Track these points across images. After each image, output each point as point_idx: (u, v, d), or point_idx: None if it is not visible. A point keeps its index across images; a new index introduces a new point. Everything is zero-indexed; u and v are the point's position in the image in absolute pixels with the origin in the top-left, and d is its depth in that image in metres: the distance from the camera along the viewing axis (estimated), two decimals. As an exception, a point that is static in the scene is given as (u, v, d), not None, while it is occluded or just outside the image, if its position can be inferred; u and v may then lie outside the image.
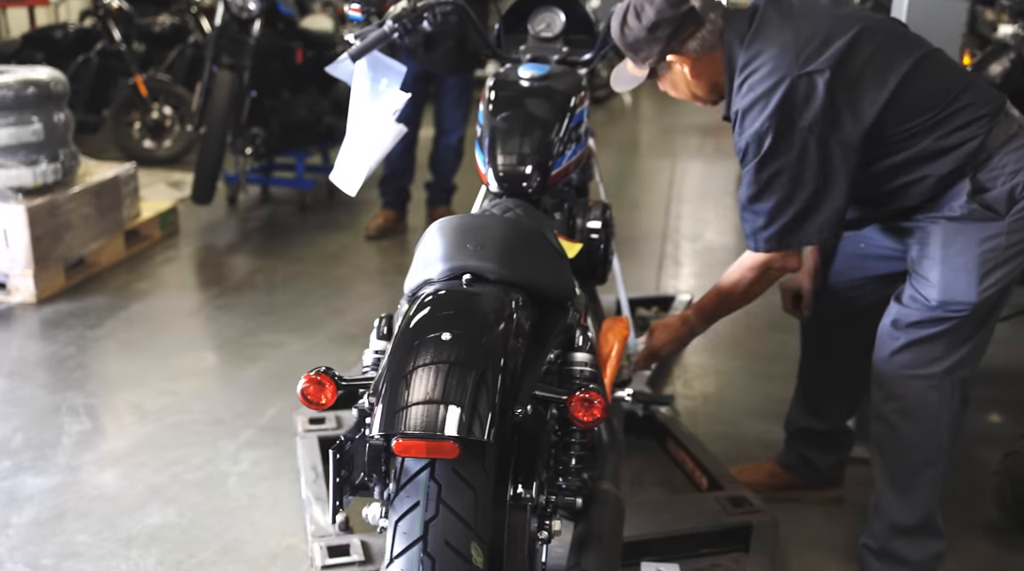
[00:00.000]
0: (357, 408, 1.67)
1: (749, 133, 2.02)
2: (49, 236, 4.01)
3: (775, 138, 1.99)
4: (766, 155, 2.02)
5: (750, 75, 2.03)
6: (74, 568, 2.31)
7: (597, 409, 1.64)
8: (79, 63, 6.29)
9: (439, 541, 1.50)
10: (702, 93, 2.20)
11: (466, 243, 1.82)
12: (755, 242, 2.15)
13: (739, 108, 2.04)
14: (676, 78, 2.19)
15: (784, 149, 2.00)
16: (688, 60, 2.13)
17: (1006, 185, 2.00)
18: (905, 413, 2.14)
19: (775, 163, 2.02)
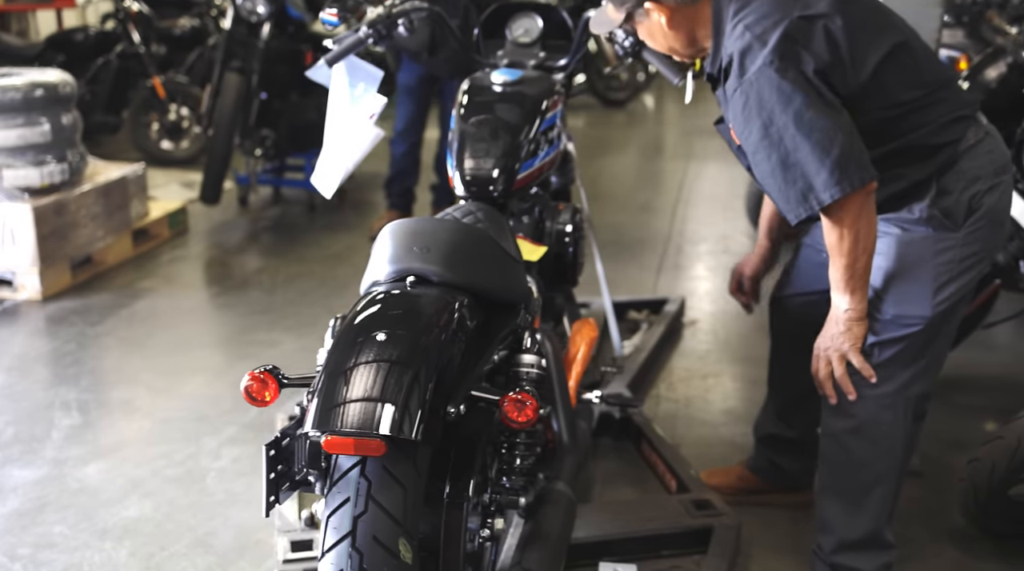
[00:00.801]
0: (299, 405, 1.72)
1: (753, 71, 1.86)
2: (55, 235, 4.11)
3: (786, 71, 1.83)
4: (784, 89, 1.83)
5: (745, 17, 1.91)
6: (49, 558, 2.38)
7: (529, 410, 1.67)
8: (99, 65, 6.42)
9: (367, 536, 1.54)
10: (679, 46, 2.09)
11: (413, 246, 1.86)
12: (815, 197, 1.84)
13: (735, 50, 1.89)
14: (653, 27, 2.07)
15: (801, 81, 1.84)
16: (666, 10, 2.02)
17: (965, 192, 1.99)
18: (857, 432, 2.10)
19: (797, 97, 1.83)
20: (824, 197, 1.84)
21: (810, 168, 1.83)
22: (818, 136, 1.82)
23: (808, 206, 1.86)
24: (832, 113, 1.84)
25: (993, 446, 2.31)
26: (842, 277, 1.96)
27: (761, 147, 1.89)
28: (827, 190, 1.84)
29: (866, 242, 1.92)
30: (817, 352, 2.09)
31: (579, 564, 2.32)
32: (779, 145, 1.85)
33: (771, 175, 1.89)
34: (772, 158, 1.87)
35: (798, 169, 1.85)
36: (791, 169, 1.85)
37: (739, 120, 1.91)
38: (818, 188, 1.84)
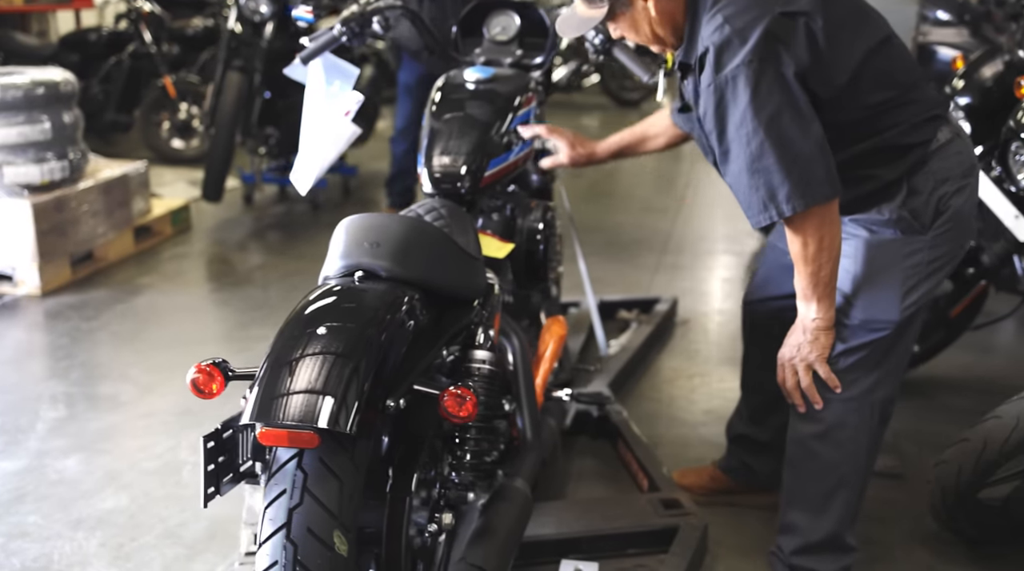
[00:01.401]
0: (244, 397, 1.73)
1: (730, 69, 1.80)
2: (55, 231, 4.17)
3: (764, 72, 1.78)
4: (760, 92, 1.78)
5: (724, 8, 1.84)
6: (20, 548, 2.41)
7: (469, 405, 1.67)
8: (111, 65, 6.51)
9: (302, 528, 1.56)
10: (665, 34, 1.99)
11: (364, 241, 1.87)
12: (775, 207, 1.81)
13: (713, 43, 1.82)
14: (638, 16, 1.97)
15: (778, 85, 1.79)
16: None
17: (934, 193, 1.96)
18: (823, 437, 2.08)
19: (772, 101, 1.79)
20: (785, 209, 1.82)
21: (774, 178, 1.80)
22: (786, 146, 1.79)
23: (768, 215, 1.84)
24: (804, 123, 1.81)
25: (959, 448, 2.29)
26: (807, 285, 1.93)
27: (730, 146, 1.85)
28: (788, 202, 1.81)
29: (830, 250, 1.89)
30: (782, 361, 2.06)
31: (542, 562, 2.32)
32: (746, 147, 1.82)
33: (736, 176, 1.86)
34: (739, 159, 1.84)
35: (762, 176, 1.81)
36: (756, 175, 1.82)
37: (710, 116, 1.87)
38: (780, 199, 1.81)
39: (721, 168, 1.92)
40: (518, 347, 2.38)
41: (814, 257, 1.89)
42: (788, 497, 2.17)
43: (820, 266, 1.90)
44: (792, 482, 2.16)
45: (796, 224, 1.86)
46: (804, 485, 2.14)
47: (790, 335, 2.04)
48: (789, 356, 2.04)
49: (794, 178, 1.80)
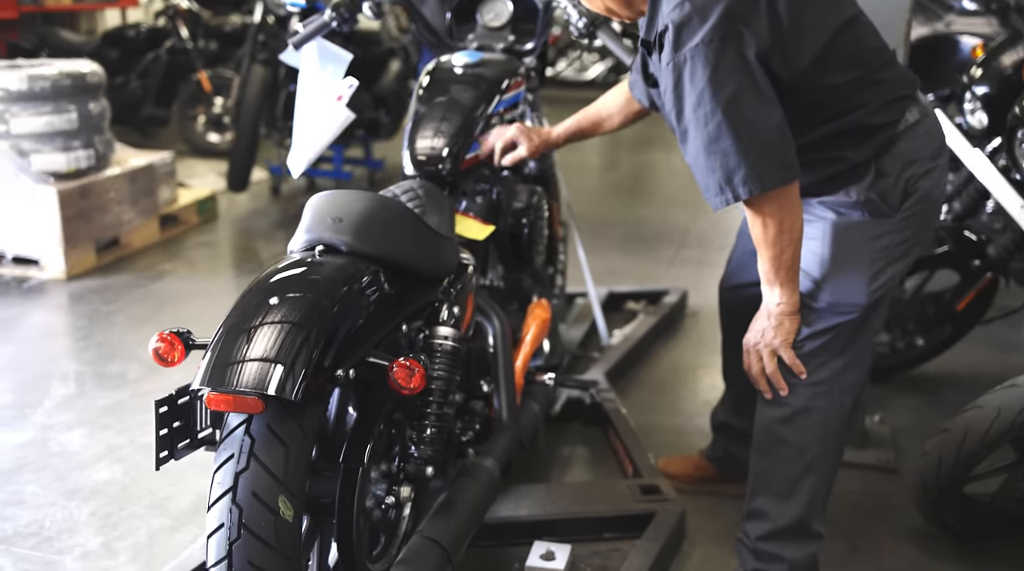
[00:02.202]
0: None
1: (689, 48, 1.75)
2: (80, 218, 4.28)
3: (724, 52, 1.74)
4: (719, 73, 1.74)
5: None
6: (14, 514, 2.49)
7: (418, 377, 1.69)
8: (149, 60, 6.67)
9: (247, 492, 1.59)
10: (615, 5, 1.96)
11: (327, 217, 1.90)
12: (731, 190, 1.79)
13: (671, 21, 1.78)
14: None
15: (738, 66, 1.75)
16: None
17: (902, 175, 1.92)
18: (789, 421, 2.04)
19: (731, 82, 1.75)
20: (741, 192, 1.79)
21: (731, 159, 1.77)
22: (744, 128, 1.75)
23: (725, 198, 1.81)
24: (763, 105, 1.77)
25: (940, 440, 2.25)
26: (770, 269, 1.90)
27: (688, 127, 1.81)
28: (745, 185, 1.78)
29: (791, 233, 1.85)
30: (747, 347, 2.03)
31: (518, 543, 2.33)
32: (704, 128, 1.78)
33: (694, 157, 1.83)
34: (696, 140, 1.80)
35: (719, 158, 1.78)
36: (712, 156, 1.78)
37: (669, 95, 1.83)
38: (736, 181, 1.78)
39: (681, 147, 1.88)
40: (498, 329, 2.39)
41: (775, 240, 1.86)
42: (755, 482, 2.14)
43: (781, 250, 1.87)
44: (759, 467, 2.13)
45: (755, 207, 1.83)
46: (771, 470, 2.11)
47: (755, 321, 2.01)
48: (754, 341, 2.01)
49: (750, 161, 1.76)
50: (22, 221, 4.21)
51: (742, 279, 2.35)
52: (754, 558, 2.13)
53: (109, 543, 2.38)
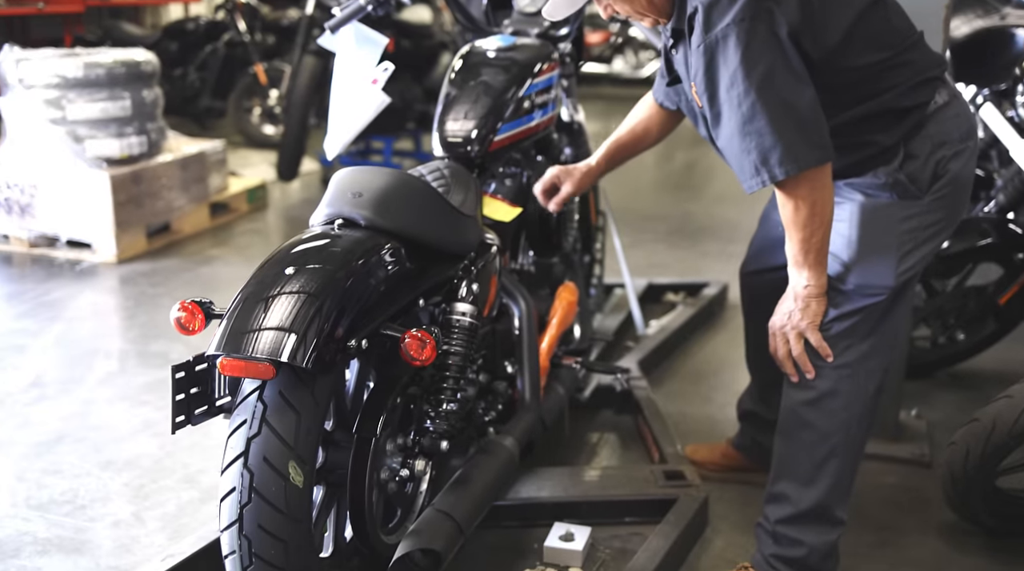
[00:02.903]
0: None
1: (721, 28, 1.74)
2: (132, 203, 4.39)
3: (755, 31, 1.72)
4: (751, 52, 1.72)
5: None
6: (51, 483, 2.57)
7: (429, 349, 1.71)
8: (208, 52, 6.81)
9: (259, 457, 1.63)
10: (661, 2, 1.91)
11: (348, 191, 1.93)
12: (767, 171, 1.76)
13: (702, 2, 1.77)
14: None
15: (770, 44, 1.73)
16: None
17: (932, 157, 1.90)
18: (815, 404, 2.02)
19: (764, 61, 1.73)
20: (777, 172, 1.76)
21: (766, 140, 1.75)
22: (778, 107, 1.73)
23: (760, 179, 1.78)
24: (797, 84, 1.75)
25: (968, 430, 2.19)
26: (799, 251, 1.87)
27: (721, 109, 1.79)
28: (781, 166, 1.75)
29: (823, 215, 1.83)
30: (773, 330, 2.01)
31: (539, 524, 2.33)
32: (737, 109, 1.76)
33: (728, 140, 1.81)
34: (730, 122, 1.78)
35: (753, 139, 1.75)
36: (747, 137, 1.76)
37: (700, 78, 1.81)
38: (772, 162, 1.75)
39: (713, 132, 1.86)
40: (524, 311, 2.39)
41: (806, 222, 1.83)
42: (778, 466, 2.11)
43: (812, 232, 1.84)
44: (782, 451, 2.11)
45: (788, 188, 1.80)
46: (794, 454, 2.08)
47: (781, 303, 1.99)
48: (780, 324, 1.99)
49: (786, 140, 1.74)
50: (76, 205, 4.32)
51: (765, 264, 2.33)
52: (773, 542, 2.10)
53: (139, 512, 2.44)
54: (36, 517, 2.40)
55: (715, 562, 2.28)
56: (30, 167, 4.34)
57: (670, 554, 2.16)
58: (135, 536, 2.34)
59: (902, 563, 2.29)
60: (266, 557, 1.62)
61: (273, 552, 1.62)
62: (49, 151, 4.31)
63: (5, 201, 4.38)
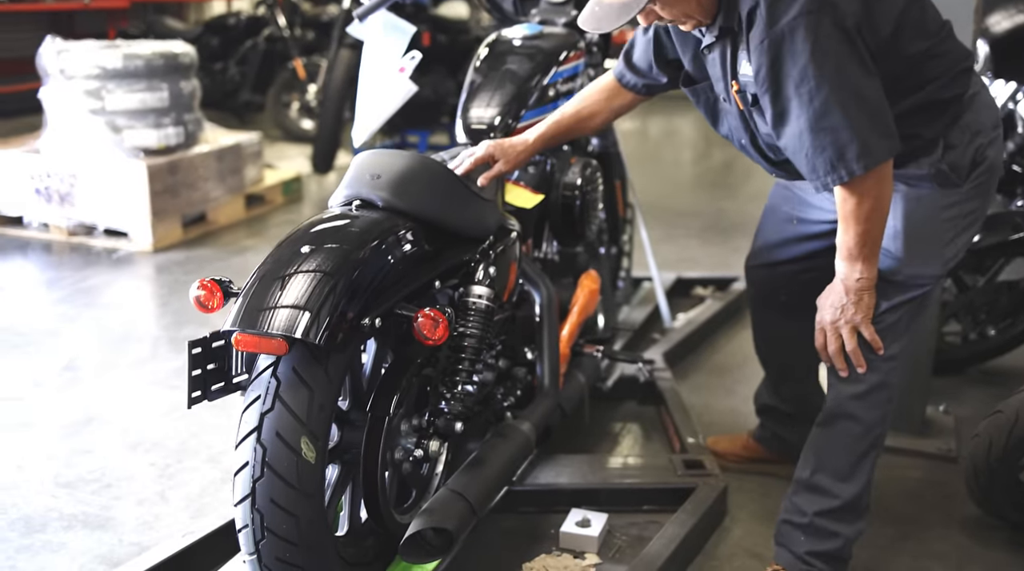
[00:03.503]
0: None
1: (787, 21, 1.68)
2: (168, 193, 4.46)
3: (822, 23, 1.67)
4: (821, 45, 1.67)
5: None
6: (79, 461, 2.62)
7: (441, 328, 1.72)
8: (248, 47, 6.89)
9: (272, 432, 1.65)
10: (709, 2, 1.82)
11: (366, 173, 1.95)
12: (844, 167, 1.72)
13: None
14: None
15: (838, 36, 1.68)
16: None
17: (970, 146, 1.90)
18: (864, 397, 1.98)
19: (834, 54, 1.68)
20: (856, 168, 1.71)
21: (842, 135, 1.70)
22: (852, 101, 1.69)
23: (837, 176, 1.73)
24: (866, 76, 1.72)
25: (991, 421, 2.16)
26: (856, 244, 1.83)
27: (788, 106, 1.73)
28: (859, 161, 1.71)
29: (884, 208, 1.81)
30: (822, 325, 1.94)
31: (557, 510, 2.34)
32: (809, 105, 1.70)
33: (797, 138, 1.74)
34: (800, 119, 1.72)
35: (828, 135, 1.70)
36: (820, 134, 1.71)
37: (764, 75, 1.73)
38: (849, 158, 1.71)
39: (775, 130, 1.80)
40: (545, 298, 2.40)
41: (868, 216, 1.79)
42: (816, 459, 2.05)
43: (872, 225, 1.81)
44: (823, 444, 2.05)
45: (855, 183, 1.75)
46: (836, 447, 2.03)
47: (827, 297, 1.93)
48: (832, 319, 1.92)
49: (862, 135, 1.70)
50: (114, 195, 4.40)
51: (774, 258, 2.31)
52: (806, 537, 2.04)
53: (164, 492, 2.48)
54: (63, 494, 2.45)
55: (733, 550, 2.27)
56: (70, 156, 4.42)
57: (686, 542, 2.16)
58: (158, 514, 2.37)
59: (924, 556, 2.26)
60: (278, 531, 1.64)
61: (285, 526, 1.64)
62: (88, 141, 4.39)
63: (45, 190, 4.47)
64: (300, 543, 1.66)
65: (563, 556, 2.20)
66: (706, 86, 2.02)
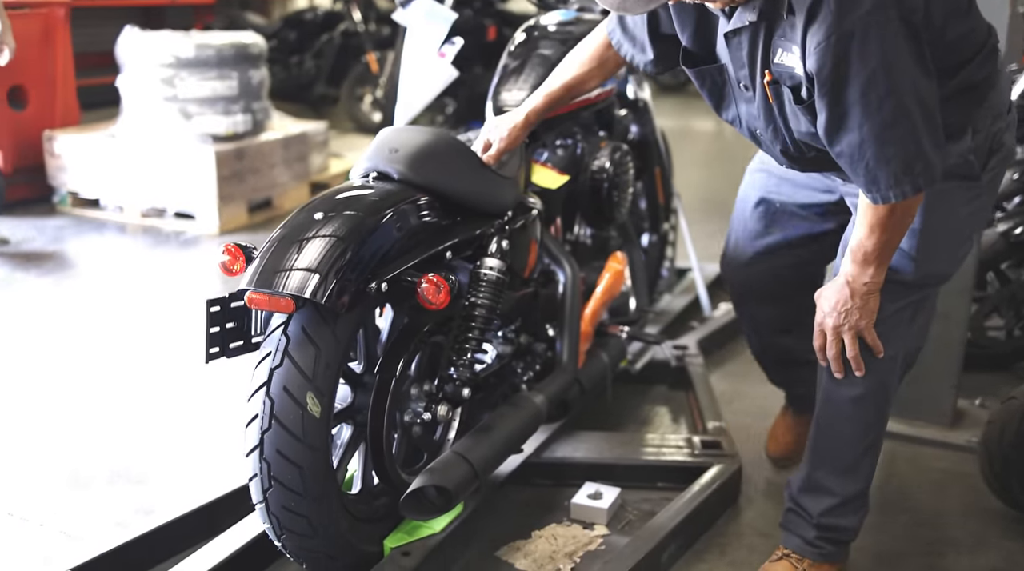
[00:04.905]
0: None
1: (858, 16, 1.52)
2: (234, 177, 4.64)
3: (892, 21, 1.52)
4: (894, 46, 1.53)
5: None
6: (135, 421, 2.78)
7: (444, 294, 1.80)
8: (324, 41, 7.09)
9: (279, 386, 1.75)
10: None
11: (385, 147, 2.04)
12: (910, 181, 1.60)
13: None
14: None
15: (907, 35, 1.54)
16: None
17: (990, 130, 1.82)
18: (862, 400, 1.93)
19: (905, 56, 1.54)
20: (921, 182, 1.60)
21: (909, 148, 1.58)
22: (921, 110, 1.57)
23: (901, 191, 1.61)
24: (926, 76, 1.58)
25: (1004, 408, 2.14)
26: (873, 249, 1.74)
27: (850, 111, 1.58)
28: (926, 173, 1.60)
29: (912, 217, 1.73)
30: (823, 328, 1.86)
31: (572, 483, 2.39)
32: (877, 113, 1.56)
33: (857, 146, 1.60)
34: (864, 126, 1.58)
35: (894, 147, 1.58)
36: (888, 145, 1.58)
37: (827, 74, 1.57)
38: (917, 172, 1.59)
39: (830, 136, 1.64)
40: (569, 277, 2.45)
41: (896, 225, 1.71)
42: (816, 457, 2.01)
43: (897, 234, 1.73)
44: (822, 443, 2.01)
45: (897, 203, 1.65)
46: (837, 447, 1.99)
47: (830, 298, 1.84)
48: (835, 324, 1.83)
49: (928, 147, 1.58)
50: (183, 179, 4.60)
51: (752, 251, 2.26)
52: (816, 531, 2.02)
53: (212, 451, 2.61)
54: (111, 450, 2.60)
55: (744, 529, 2.29)
56: (143, 142, 4.64)
57: (693, 517, 2.19)
58: (201, 470, 2.50)
59: (938, 542, 2.25)
60: (284, 481, 1.74)
61: (290, 477, 1.74)
62: (161, 127, 4.60)
63: (120, 173, 4.69)
64: (305, 493, 1.75)
65: (572, 526, 2.25)
66: (713, 69, 1.88)
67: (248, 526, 2.05)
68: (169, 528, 2.10)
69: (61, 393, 2.95)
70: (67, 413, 2.82)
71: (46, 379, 3.05)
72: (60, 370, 3.12)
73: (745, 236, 2.27)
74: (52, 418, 2.78)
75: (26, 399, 2.91)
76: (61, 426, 2.74)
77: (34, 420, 2.77)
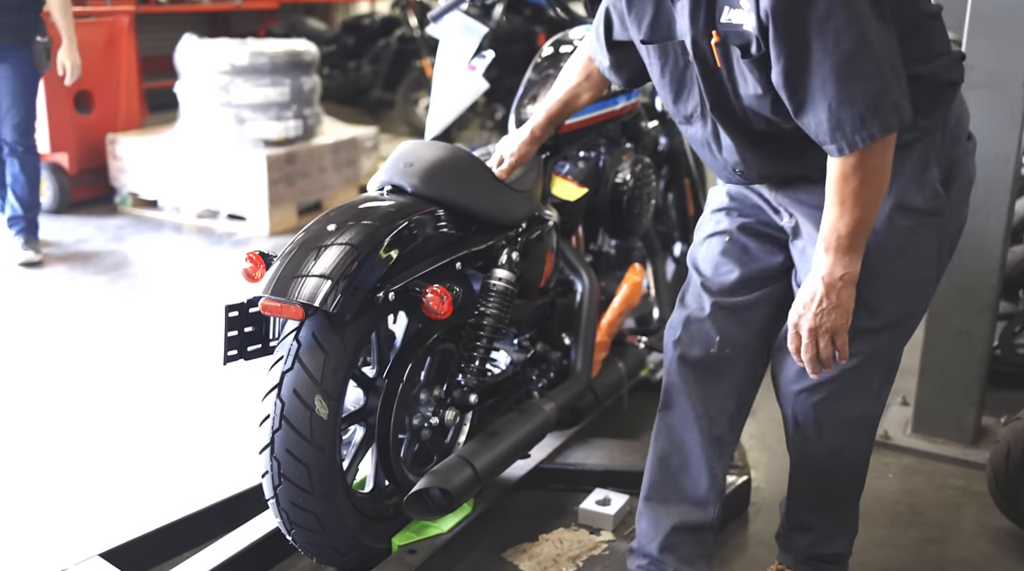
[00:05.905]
0: None
1: None
2: (285, 181, 4.78)
3: None
4: None
5: None
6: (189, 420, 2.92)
7: (447, 304, 1.88)
8: (381, 47, 7.23)
9: (290, 389, 1.84)
10: None
11: (400, 162, 2.12)
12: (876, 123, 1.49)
13: None
14: None
15: None
16: None
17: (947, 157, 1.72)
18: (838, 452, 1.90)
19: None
20: (891, 122, 1.49)
21: (874, 85, 1.47)
22: (882, 45, 1.47)
23: (868, 133, 1.49)
24: (882, 21, 1.49)
25: (1011, 427, 2.14)
26: (847, 232, 1.58)
27: (811, 48, 1.48)
28: (892, 115, 1.48)
29: (883, 191, 1.59)
30: (798, 330, 1.69)
31: (583, 489, 2.44)
32: (836, 47, 1.46)
33: (818, 88, 1.49)
34: (825, 65, 1.48)
35: (859, 83, 1.47)
36: (850, 82, 1.47)
37: (781, 10, 1.47)
38: (884, 111, 1.48)
39: (789, 85, 1.53)
40: (587, 287, 2.51)
41: (868, 200, 1.56)
42: (801, 498, 2.00)
43: (870, 211, 1.58)
44: (806, 485, 1.98)
45: (862, 156, 1.52)
46: (824, 487, 1.96)
47: (808, 300, 1.67)
48: (811, 326, 1.66)
49: (892, 87, 1.48)
50: (236, 182, 4.76)
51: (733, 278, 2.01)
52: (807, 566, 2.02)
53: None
54: (164, 439, 2.74)
55: (748, 540, 2.33)
56: (199, 145, 4.81)
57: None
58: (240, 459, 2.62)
59: (944, 560, 2.25)
60: (292, 478, 1.84)
61: (298, 474, 1.83)
62: (216, 131, 4.77)
63: (179, 176, 4.87)
64: (312, 491, 1.84)
65: (579, 531, 2.31)
66: (677, 44, 1.71)
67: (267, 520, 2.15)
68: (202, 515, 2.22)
69: (108, 386, 3.11)
70: (114, 404, 2.97)
71: (92, 373, 3.21)
72: (107, 364, 3.28)
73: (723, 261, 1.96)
74: (97, 409, 2.94)
75: (74, 391, 3.07)
76: (107, 417, 2.88)
77: (80, 411, 2.93)
